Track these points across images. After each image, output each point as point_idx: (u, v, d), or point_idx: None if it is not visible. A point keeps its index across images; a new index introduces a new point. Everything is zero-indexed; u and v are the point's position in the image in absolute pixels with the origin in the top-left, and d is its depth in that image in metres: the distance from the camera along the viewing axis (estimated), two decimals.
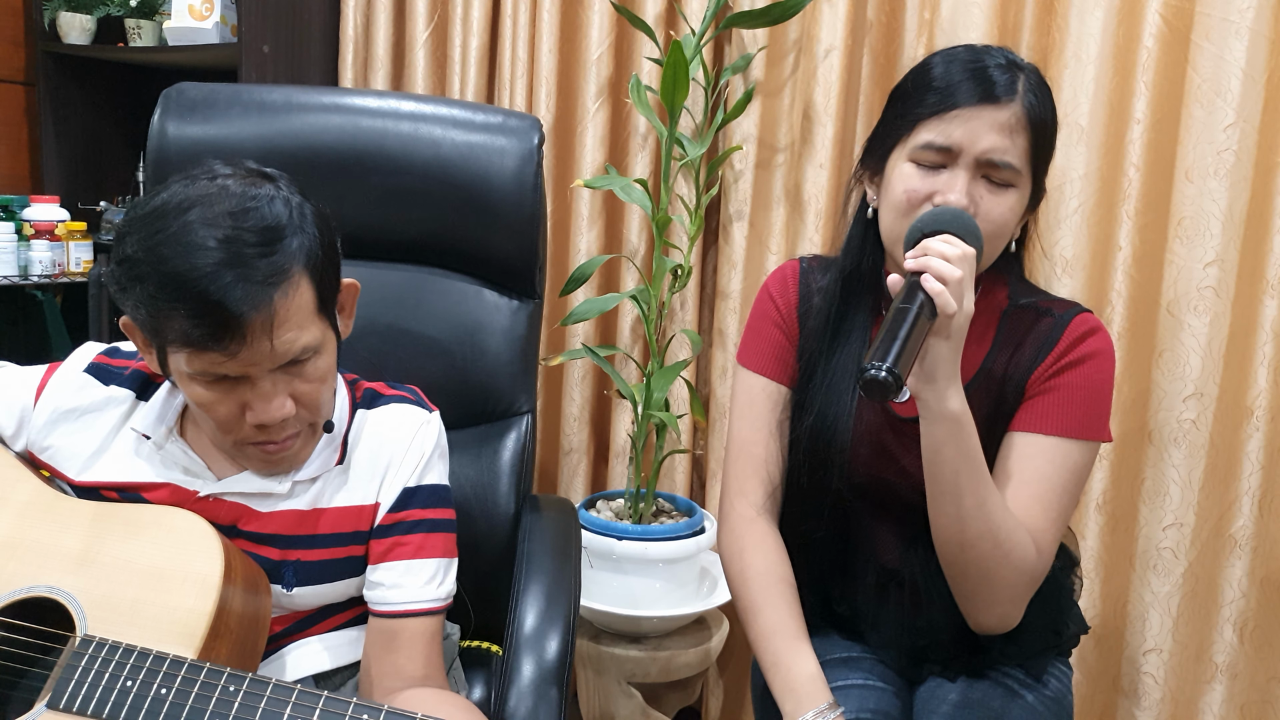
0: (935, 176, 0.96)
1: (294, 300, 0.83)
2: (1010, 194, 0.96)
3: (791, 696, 0.98)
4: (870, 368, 0.81)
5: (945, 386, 0.90)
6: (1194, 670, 1.47)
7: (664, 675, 1.68)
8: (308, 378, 0.88)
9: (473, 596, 1.16)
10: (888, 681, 1.07)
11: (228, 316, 0.79)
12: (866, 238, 1.06)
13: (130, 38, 2.21)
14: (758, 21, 1.67)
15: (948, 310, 0.86)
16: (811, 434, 1.05)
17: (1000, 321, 1.03)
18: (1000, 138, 0.93)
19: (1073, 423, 0.98)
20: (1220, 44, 1.39)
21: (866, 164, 1.06)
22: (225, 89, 1.26)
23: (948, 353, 0.89)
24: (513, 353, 1.27)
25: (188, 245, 0.79)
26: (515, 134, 1.25)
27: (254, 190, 0.84)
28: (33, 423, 0.96)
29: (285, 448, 0.91)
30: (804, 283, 1.10)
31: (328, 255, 0.88)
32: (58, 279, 2.14)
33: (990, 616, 0.99)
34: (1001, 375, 1.01)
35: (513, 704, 1.03)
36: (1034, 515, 0.96)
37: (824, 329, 1.06)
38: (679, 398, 1.89)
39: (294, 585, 0.94)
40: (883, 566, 1.07)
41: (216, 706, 0.77)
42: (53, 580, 0.86)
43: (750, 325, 1.13)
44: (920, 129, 0.96)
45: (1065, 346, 1.00)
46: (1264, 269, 1.39)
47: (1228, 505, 1.43)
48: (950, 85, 0.95)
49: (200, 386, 0.85)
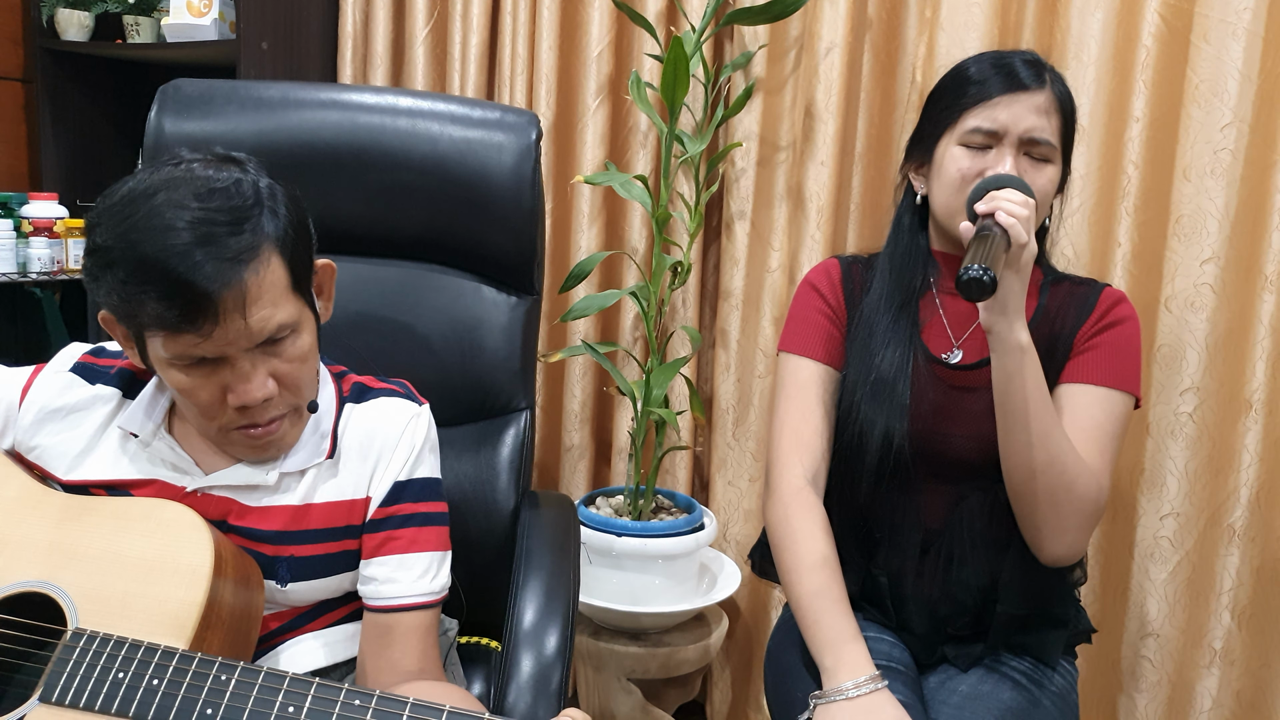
0: (983, 156, 1.08)
1: (265, 277, 0.83)
2: (1049, 168, 1.08)
3: (831, 652, 1.02)
4: (970, 268, 0.90)
5: (1014, 318, 0.99)
6: (1192, 655, 1.49)
7: (663, 671, 1.68)
8: (287, 357, 0.88)
9: (471, 593, 1.16)
10: (905, 666, 1.11)
11: (198, 295, 0.79)
12: (913, 221, 1.18)
13: (128, 34, 2.21)
14: (758, 18, 1.67)
15: (1020, 239, 0.96)
16: (871, 397, 1.10)
17: (1041, 291, 1.14)
18: (1038, 118, 1.06)
19: (1117, 375, 1.08)
20: (1218, 45, 1.41)
21: (913, 156, 1.17)
22: (222, 85, 1.25)
23: (1017, 285, 0.98)
24: (511, 349, 1.27)
25: (156, 228, 0.80)
26: (513, 129, 1.24)
27: (220, 173, 0.85)
28: (19, 423, 0.96)
29: (271, 431, 0.90)
30: (846, 274, 1.20)
31: (299, 235, 0.88)
32: (56, 276, 2.14)
33: (1059, 545, 1.05)
34: (1049, 334, 1.10)
35: (512, 699, 1.03)
36: (1091, 454, 1.05)
37: (878, 302, 1.15)
38: (680, 394, 1.89)
39: (288, 580, 0.94)
40: (928, 529, 1.12)
41: (209, 696, 0.77)
42: (43, 575, 0.86)
43: (794, 315, 1.19)
44: (966, 117, 1.08)
45: (1103, 310, 1.11)
46: (1261, 266, 1.41)
47: (1225, 496, 1.45)
48: (987, 79, 1.08)
49: (180, 372, 0.85)
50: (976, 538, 1.09)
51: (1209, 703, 1.47)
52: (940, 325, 1.14)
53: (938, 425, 1.10)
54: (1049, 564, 1.07)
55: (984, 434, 1.07)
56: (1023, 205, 0.98)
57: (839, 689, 0.99)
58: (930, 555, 1.11)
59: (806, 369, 1.15)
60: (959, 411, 1.10)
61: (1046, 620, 1.11)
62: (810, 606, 1.05)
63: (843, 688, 0.99)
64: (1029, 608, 1.10)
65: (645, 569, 1.65)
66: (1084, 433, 1.06)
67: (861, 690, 0.98)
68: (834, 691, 0.99)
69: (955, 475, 1.10)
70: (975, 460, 1.08)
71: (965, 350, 1.13)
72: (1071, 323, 1.11)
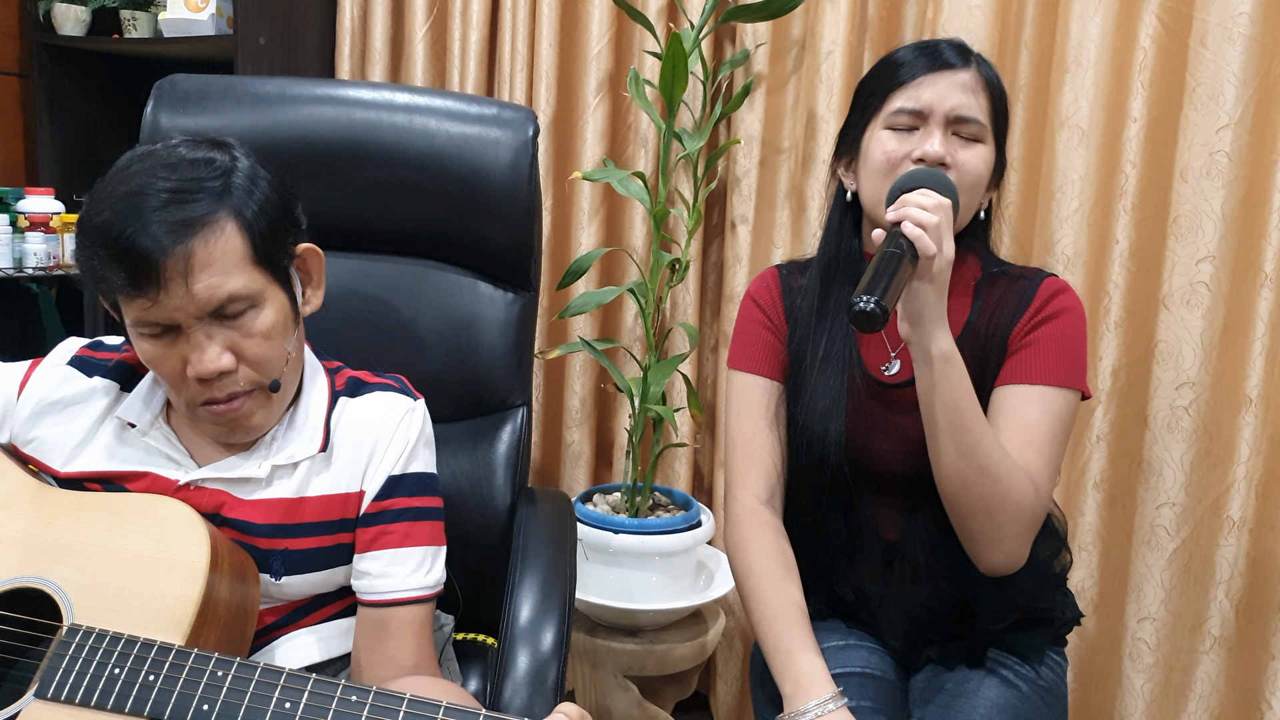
0: (910, 137, 1.04)
1: (216, 246, 0.84)
2: (980, 147, 1.05)
3: (791, 679, 1.00)
4: (858, 301, 0.85)
5: (932, 328, 0.95)
6: (1189, 640, 1.52)
7: (660, 669, 1.68)
8: (246, 331, 0.88)
9: (467, 590, 1.16)
10: (885, 671, 1.09)
11: (140, 257, 0.81)
12: (845, 222, 1.13)
13: (125, 29, 2.20)
14: (756, 15, 1.67)
15: (928, 252, 0.91)
16: (808, 413, 1.08)
17: (976, 288, 1.10)
18: (965, 96, 1.04)
19: (1053, 372, 1.03)
20: (1215, 49, 1.42)
21: (842, 153, 1.13)
22: (218, 80, 1.25)
23: (932, 295, 0.93)
24: (507, 346, 1.27)
25: (120, 195, 0.83)
26: (510, 126, 1.24)
27: (196, 152, 0.87)
28: (16, 416, 0.96)
29: (233, 408, 0.90)
30: (785, 284, 1.16)
31: (270, 211, 0.89)
32: (52, 271, 2.13)
33: (998, 555, 1.02)
34: (984, 334, 1.06)
35: (507, 696, 1.03)
36: (1028, 458, 1.00)
37: (810, 312, 1.11)
38: (679, 392, 1.89)
39: (282, 574, 0.94)
40: (886, 542, 1.09)
41: (205, 692, 0.77)
42: (39, 571, 0.86)
43: (738, 331, 1.17)
44: (891, 99, 1.05)
45: (1039, 304, 1.06)
46: (1259, 264, 1.42)
47: (1224, 488, 1.47)
48: (911, 61, 1.06)
49: (146, 342, 0.87)
50: (938, 547, 1.06)
51: (1208, 687, 1.50)
52: (878, 335, 1.11)
53: (879, 440, 1.07)
54: (988, 574, 1.03)
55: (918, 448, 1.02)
56: (934, 210, 0.92)
57: (798, 711, 0.98)
58: (895, 565, 1.09)
59: (754, 386, 1.13)
60: (899, 427, 1.06)
61: (1028, 621, 1.09)
62: (769, 632, 1.03)
63: (800, 710, 0.98)
64: (1009, 617, 1.08)
65: (642, 566, 1.65)
66: (1018, 433, 1.01)
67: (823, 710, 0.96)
68: (794, 713, 0.98)
69: (902, 489, 1.07)
70: (922, 474, 1.03)
71: (903, 359, 1.09)
72: (1007, 320, 1.06)
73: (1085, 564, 1.57)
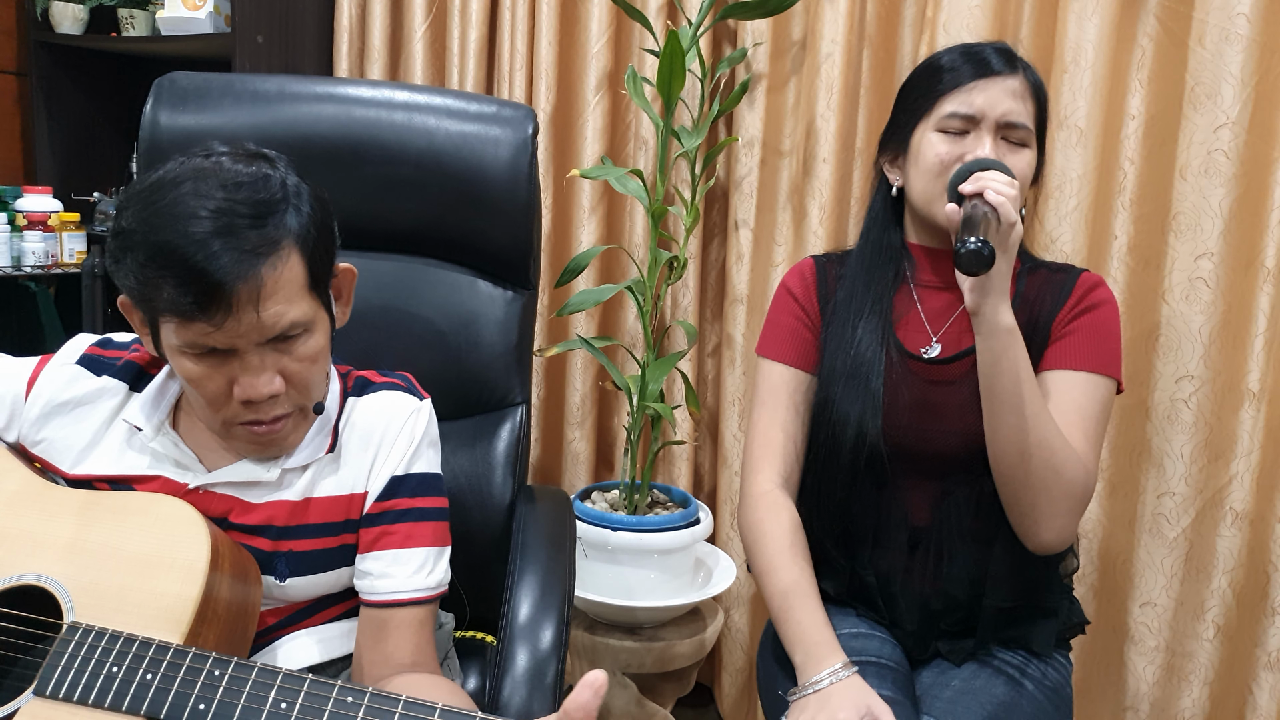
0: (961, 141, 1.08)
1: (283, 273, 0.83)
2: (1026, 152, 1.09)
3: (802, 649, 1.03)
4: (969, 240, 0.90)
5: (999, 300, 0.99)
6: (1190, 626, 1.55)
7: (659, 666, 1.68)
8: (297, 356, 0.87)
9: (467, 587, 1.15)
10: (897, 662, 1.10)
11: (213, 285, 0.79)
12: (886, 213, 1.18)
13: (123, 27, 2.20)
14: (753, 13, 1.67)
15: (1010, 218, 0.96)
16: (845, 391, 1.10)
17: (1019, 278, 1.13)
18: (1014, 102, 1.07)
19: (1095, 359, 1.08)
20: (1213, 48, 1.43)
21: (888, 149, 1.17)
22: (217, 78, 1.25)
23: (1004, 266, 0.98)
24: (507, 343, 1.27)
25: (178, 215, 0.80)
26: (509, 124, 1.24)
27: (249, 167, 0.85)
28: (25, 416, 0.95)
29: (274, 429, 0.90)
30: (821, 275, 1.19)
31: (322, 235, 0.88)
32: (51, 270, 2.13)
33: (1049, 530, 1.04)
34: (1027, 320, 1.09)
35: (507, 694, 1.03)
36: (1077, 440, 1.04)
37: (850, 297, 1.15)
38: (679, 389, 1.89)
39: (287, 576, 0.94)
40: (914, 527, 1.11)
41: (202, 691, 0.76)
42: (40, 568, 0.86)
43: (770, 319, 1.20)
44: (942, 103, 1.08)
45: (1080, 295, 1.10)
46: (1259, 260, 1.43)
47: (1226, 480, 1.49)
48: (960, 67, 1.08)
49: (190, 361, 0.85)
50: (965, 533, 1.09)
51: (1210, 674, 1.52)
52: (918, 319, 1.14)
53: (916, 421, 1.09)
54: (1038, 551, 1.06)
55: (967, 427, 1.06)
56: (1009, 185, 0.98)
57: (811, 682, 0.99)
58: (919, 552, 1.11)
59: (778, 373, 1.16)
60: (939, 406, 1.09)
61: (1035, 611, 1.11)
62: (781, 605, 1.06)
63: (813, 680, 0.99)
64: (1016, 600, 1.09)
65: (641, 563, 1.65)
66: (1068, 418, 1.05)
67: (834, 679, 0.99)
68: (807, 685, 1.00)
69: (938, 471, 1.10)
70: (959, 454, 1.07)
71: (944, 343, 1.12)
72: (1049, 308, 1.10)
73: (1087, 550, 1.59)
